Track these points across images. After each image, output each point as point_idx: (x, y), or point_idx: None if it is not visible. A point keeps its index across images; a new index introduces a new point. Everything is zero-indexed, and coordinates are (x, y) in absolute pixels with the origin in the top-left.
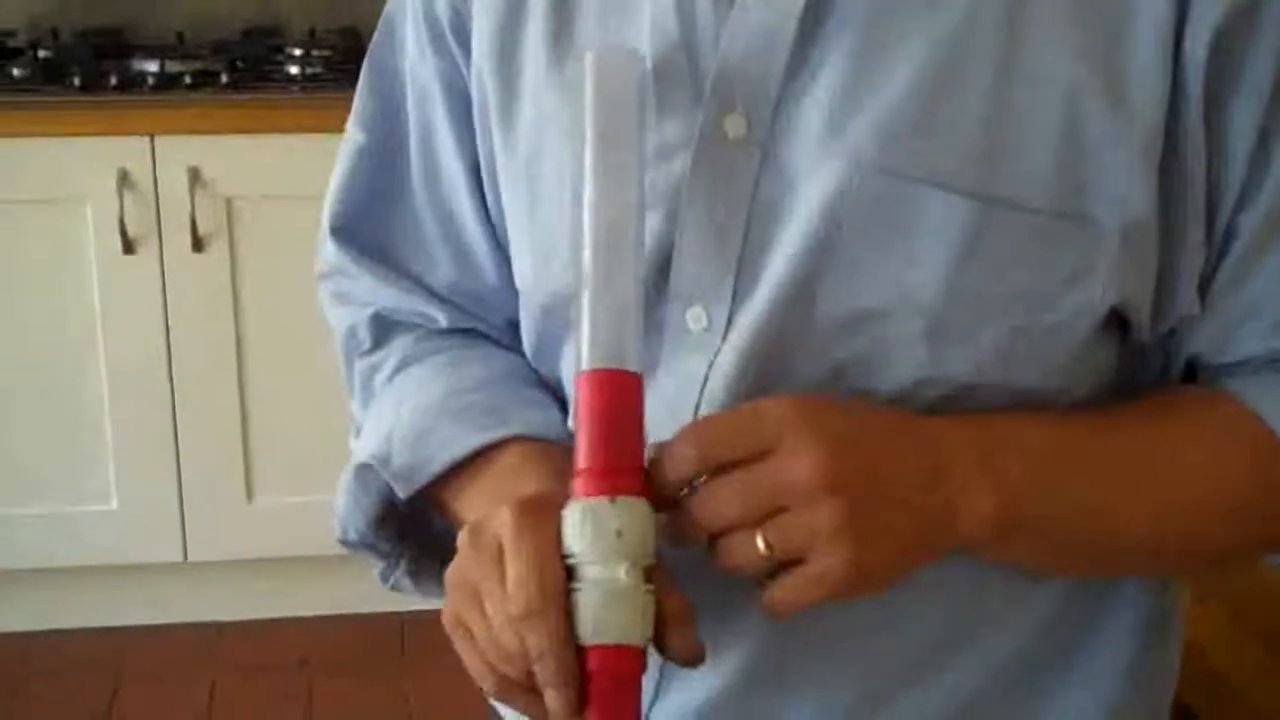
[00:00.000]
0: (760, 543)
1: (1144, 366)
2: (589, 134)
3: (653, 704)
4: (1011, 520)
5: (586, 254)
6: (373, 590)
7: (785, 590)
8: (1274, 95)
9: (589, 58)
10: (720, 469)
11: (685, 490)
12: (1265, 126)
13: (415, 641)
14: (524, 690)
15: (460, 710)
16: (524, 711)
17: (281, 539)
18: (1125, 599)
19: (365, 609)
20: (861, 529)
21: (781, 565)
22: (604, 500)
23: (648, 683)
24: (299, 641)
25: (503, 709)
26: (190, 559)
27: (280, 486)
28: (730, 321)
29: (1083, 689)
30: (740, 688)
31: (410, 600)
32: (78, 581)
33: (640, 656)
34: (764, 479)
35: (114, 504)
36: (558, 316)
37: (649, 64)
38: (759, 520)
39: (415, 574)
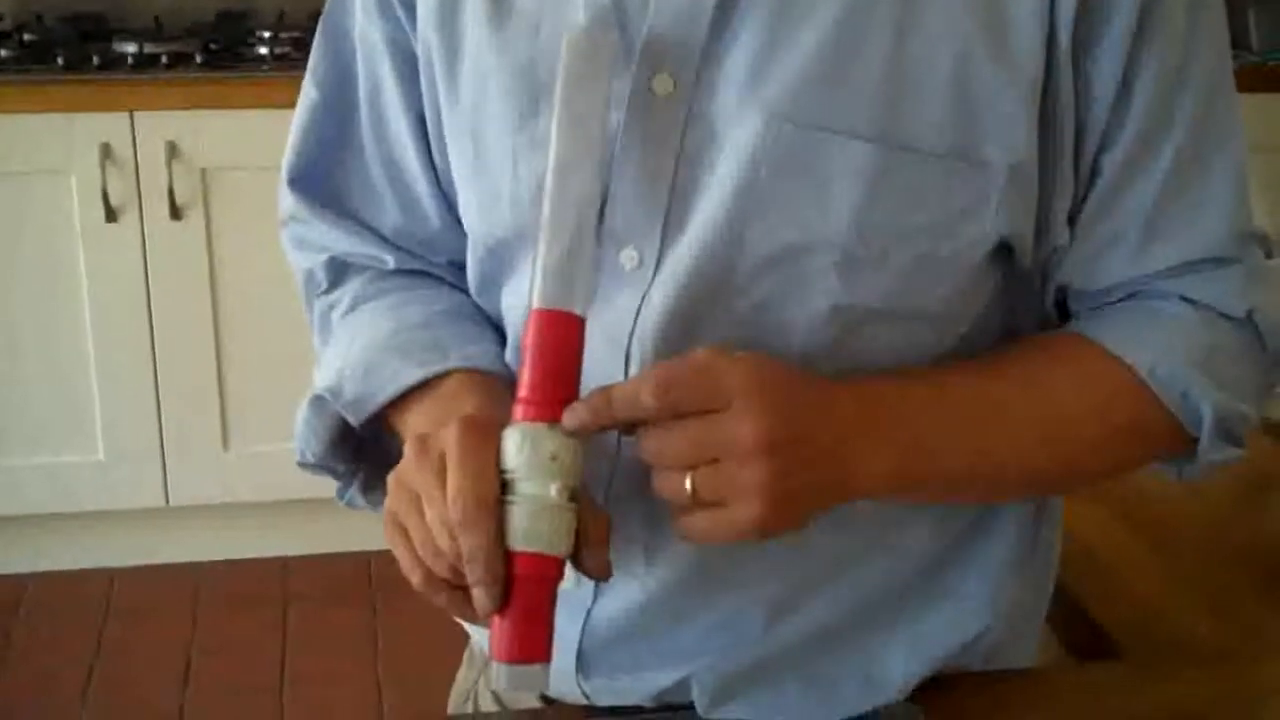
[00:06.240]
0: (688, 485)
1: (1026, 291)
2: (558, 99)
3: (590, 608)
4: (900, 480)
5: (546, 204)
6: (340, 531)
7: (699, 526)
8: (1134, 48)
9: (566, 35)
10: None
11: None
12: (1126, 75)
13: (381, 578)
14: (447, 586)
15: (422, 639)
16: (444, 605)
17: (255, 484)
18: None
19: (334, 549)
20: (776, 490)
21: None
22: (543, 426)
23: (585, 590)
24: (273, 579)
25: (472, 631)
26: (171, 504)
27: (253, 436)
28: (660, 260)
29: (975, 576)
30: (670, 592)
31: (377, 540)
32: (68, 526)
33: (560, 566)
34: (711, 434)
35: (100, 454)
36: (500, 256)
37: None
38: (694, 466)
39: (368, 491)
